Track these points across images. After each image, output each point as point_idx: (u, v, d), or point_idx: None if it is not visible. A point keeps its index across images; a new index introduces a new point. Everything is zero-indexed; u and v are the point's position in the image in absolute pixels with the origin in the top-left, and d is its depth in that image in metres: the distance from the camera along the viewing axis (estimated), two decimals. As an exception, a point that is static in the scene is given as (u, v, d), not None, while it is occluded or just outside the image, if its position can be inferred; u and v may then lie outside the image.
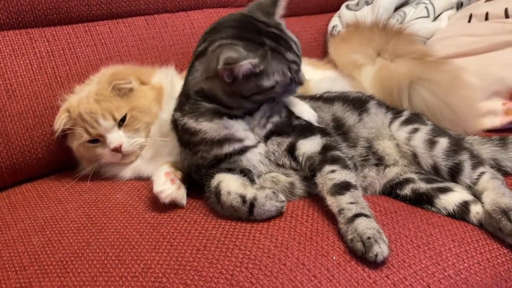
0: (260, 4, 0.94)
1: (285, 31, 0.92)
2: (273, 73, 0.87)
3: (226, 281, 0.72)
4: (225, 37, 0.88)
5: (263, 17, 0.92)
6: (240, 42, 0.85)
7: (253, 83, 0.86)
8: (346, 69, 1.38)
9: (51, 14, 1.27)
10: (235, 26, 0.90)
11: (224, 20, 0.94)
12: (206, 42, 0.91)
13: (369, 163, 1.01)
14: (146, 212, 0.94)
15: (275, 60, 0.87)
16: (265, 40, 0.87)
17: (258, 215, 0.86)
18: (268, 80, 0.86)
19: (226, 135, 0.90)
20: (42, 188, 1.14)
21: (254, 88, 0.87)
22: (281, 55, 0.88)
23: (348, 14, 1.68)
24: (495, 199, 0.86)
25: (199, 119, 0.90)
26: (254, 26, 0.90)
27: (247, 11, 0.94)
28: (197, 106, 0.91)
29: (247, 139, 0.92)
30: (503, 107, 1.30)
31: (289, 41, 0.91)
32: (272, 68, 0.87)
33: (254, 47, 0.85)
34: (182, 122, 0.93)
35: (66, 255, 0.83)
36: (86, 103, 1.08)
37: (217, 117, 0.90)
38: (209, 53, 0.88)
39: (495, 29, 1.39)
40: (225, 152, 0.91)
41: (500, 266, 0.82)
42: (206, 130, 0.90)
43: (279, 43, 0.89)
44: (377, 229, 0.77)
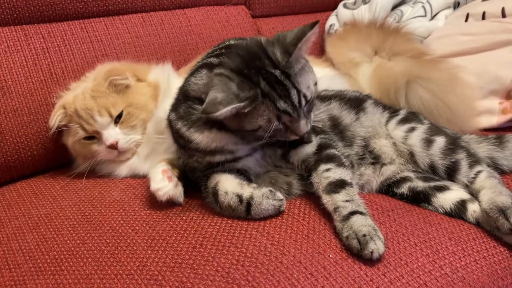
0: (283, 39, 0.85)
1: (292, 77, 0.82)
2: (257, 117, 0.81)
3: (222, 278, 0.72)
4: (229, 67, 0.83)
5: (277, 55, 0.83)
6: (237, 78, 0.81)
7: (236, 121, 0.83)
8: (344, 68, 1.38)
9: (46, 10, 1.26)
10: (243, 57, 0.84)
11: (239, 45, 0.88)
12: (217, 57, 0.87)
13: (365, 162, 1.01)
14: (142, 210, 0.93)
15: (264, 105, 0.81)
16: (261, 82, 0.81)
17: (256, 214, 0.85)
18: (250, 123, 0.82)
19: (215, 147, 0.89)
20: (36, 186, 1.13)
21: (237, 125, 0.84)
22: (271, 102, 0.81)
23: (345, 13, 1.68)
24: (492, 197, 0.86)
25: (191, 129, 0.88)
26: (259, 62, 0.83)
27: (266, 42, 0.86)
28: (191, 111, 0.89)
29: (239, 151, 0.91)
30: (499, 106, 1.30)
31: (290, 89, 0.82)
32: (257, 113, 0.81)
33: (248, 87, 0.80)
34: (176, 127, 0.92)
35: (60, 253, 0.83)
36: (82, 99, 1.08)
37: (207, 128, 0.87)
38: (212, 75, 0.84)
39: (492, 28, 1.40)
40: (217, 161, 0.91)
41: (497, 265, 0.82)
42: (198, 142, 0.88)
43: (274, 89, 0.81)
44: (372, 226, 0.77)
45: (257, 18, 1.68)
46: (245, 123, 0.82)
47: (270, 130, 0.82)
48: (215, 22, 1.53)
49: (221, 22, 1.54)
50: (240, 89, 0.79)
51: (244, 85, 0.80)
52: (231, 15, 1.58)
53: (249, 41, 0.89)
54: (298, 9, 1.75)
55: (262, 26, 1.67)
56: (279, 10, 1.72)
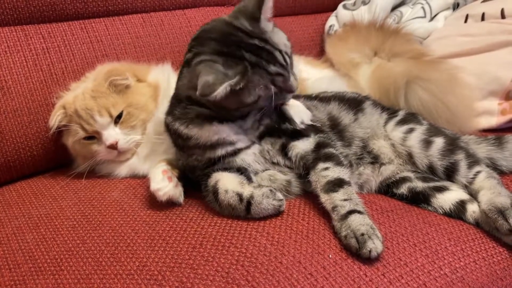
0: (245, 9, 0.87)
1: (270, 40, 0.85)
2: (254, 89, 0.83)
3: (222, 278, 0.72)
4: (207, 52, 0.84)
5: (247, 25, 0.85)
6: (220, 59, 0.82)
7: (235, 99, 0.83)
8: (343, 68, 1.38)
9: (46, 10, 1.26)
10: (217, 39, 0.85)
11: (207, 30, 0.89)
12: (191, 52, 0.88)
13: (364, 161, 1.01)
14: (142, 210, 0.94)
15: (256, 75, 0.83)
16: (245, 55, 0.82)
17: (255, 213, 0.85)
18: (249, 96, 0.84)
19: (217, 140, 0.89)
20: (36, 186, 1.14)
21: (237, 103, 0.85)
22: (262, 70, 0.83)
23: (345, 14, 1.68)
24: (491, 198, 0.86)
25: (189, 126, 0.90)
26: (235, 37, 0.84)
27: (231, 17, 0.88)
28: (187, 111, 0.90)
29: (239, 142, 0.91)
30: (499, 107, 1.31)
31: (273, 51, 0.84)
32: (253, 84, 0.83)
33: (234, 63, 0.81)
34: (174, 128, 0.93)
35: (60, 253, 0.83)
36: (82, 99, 1.08)
37: (207, 122, 0.88)
38: (192, 66, 0.85)
39: (491, 29, 1.40)
40: (218, 155, 0.91)
41: (496, 265, 0.82)
42: (197, 137, 0.89)
43: (260, 57, 0.83)
44: (370, 225, 0.77)
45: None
46: (245, 97, 0.83)
47: (270, 96, 0.85)
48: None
49: (221, 22, 1.54)
50: (227, 67, 0.81)
51: (229, 63, 0.81)
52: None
53: (215, 23, 0.90)
54: (297, 9, 1.75)
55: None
56: (279, 11, 1.72)
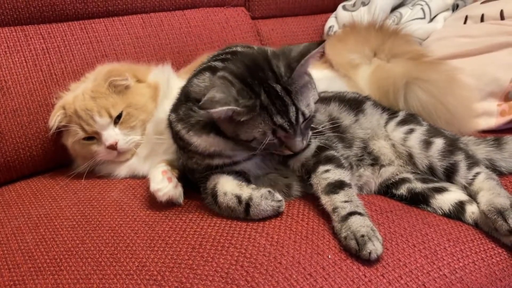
0: (289, 53, 0.85)
1: (293, 93, 0.82)
2: (252, 129, 0.82)
3: (222, 279, 0.72)
4: (232, 72, 0.84)
5: (281, 69, 0.83)
6: (239, 85, 0.81)
7: (232, 128, 0.83)
8: (343, 69, 1.38)
9: (46, 11, 1.27)
10: (247, 66, 0.84)
11: (246, 53, 0.88)
12: (222, 62, 0.88)
13: (364, 163, 1.01)
14: (141, 211, 0.94)
15: (260, 117, 0.81)
16: (261, 94, 0.81)
17: (254, 214, 0.85)
18: (245, 133, 0.82)
19: (214, 151, 0.89)
20: (36, 186, 1.14)
21: (232, 132, 0.84)
22: (268, 116, 0.81)
23: (344, 15, 1.68)
24: (490, 199, 0.86)
25: (190, 132, 0.89)
26: (263, 74, 0.83)
27: (272, 54, 0.86)
28: (190, 113, 0.88)
29: (236, 156, 0.91)
30: (498, 108, 1.31)
31: (289, 105, 0.82)
32: (253, 124, 0.82)
33: (248, 96, 0.80)
34: (176, 128, 0.92)
35: (60, 253, 0.83)
36: (82, 100, 1.08)
37: (205, 132, 0.87)
38: (215, 77, 0.85)
39: (490, 31, 1.40)
40: (216, 164, 0.91)
41: (495, 266, 0.82)
42: (196, 145, 0.89)
43: (273, 104, 0.81)
44: (370, 227, 0.77)
45: (257, 20, 1.68)
46: (241, 132, 0.83)
47: (264, 143, 0.83)
48: (215, 24, 1.53)
49: (220, 23, 1.55)
50: (240, 95, 0.80)
51: (244, 93, 0.80)
52: (231, 17, 1.58)
53: (256, 51, 0.89)
54: (297, 10, 1.76)
55: (262, 28, 1.67)
56: (279, 11, 1.72)
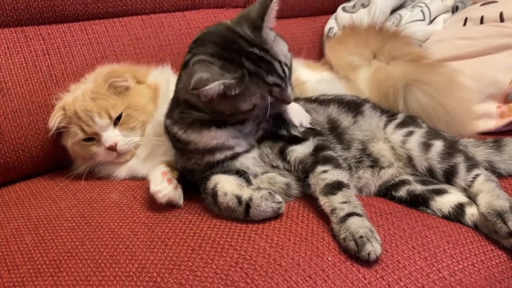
0: (248, 16, 0.87)
1: (270, 50, 0.84)
2: (251, 97, 0.83)
3: (221, 281, 0.72)
4: (206, 53, 0.84)
5: (249, 33, 0.85)
6: (218, 61, 0.82)
7: (229, 104, 0.83)
8: (342, 71, 1.38)
9: (46, 12, 1.27)
10: (217, 43, 0.85)
11: (209, 33, 0.89)
12: (190, 53, 0.88)
13: (363, 165, 1.01)
14: (141, 212, 0.94)
15: (254, 84, 0.82)
16: (244, 62, 0.82)
17: (254, 215, 0.85)
18: (245, 104, 0.83)
19: (216, 145, 0.89)
20: (35, 187, 1.13)
21: (232, 109, 0.85)
22: (260, 79, 0.83)
23: (344, 16, 1.68)
24: (490, 201, 0.86)
25: (187, 131, 0.90)
26: (236, 44, 0.84)
27: (234, 23, 0.88)
28: (185, 115, 0.90)
29: (238, 146, 0.91)
30: (497, 110, 1.31)
31: (273, 61, 0.84)
32: (250, 92, 0.82)
33: (233, 69, 0.80)
34: (173, 132, 0.93)
35: (59, 254, 0.83)
36: (82, 101, 1.08)
37: (205, 127, 0.88)
38: (189, 66, 0.86)
39: (490, 33, 1.40)
40: (217, 159, 0.91)
41: (495, 268, 0.82)
42: (196, 141, 0.89)
43: (259, 66, 0.83)
44: (369, 228, 0.77)
45: (257, 21, 1.68)
46: (240, 104, 0.83)
47: (266, 105, 0.84)
48: (214, 25, 1.53)
49: (220, 24, 1.55)
50: (224, 70, 0.81)
51: (227, 67, 0.81)
52: (231, 18, 1.58)
53: (217, 27, 0.90)
54: (297, 12, 1.75)
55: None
56: (279, 13, 1.69)
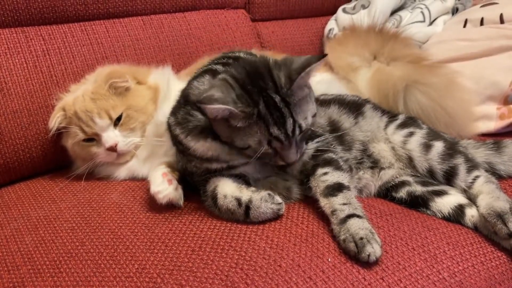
0: (290, 63, 0.84)
1: (291, 106, 0.82)
2: (248, 137, 0.82)
3: (221, 281, 0.72)
4: (233, 76, 0.84)
5: (281, 79, 0.83)
6: (239, 90, 0.81)
7: (227, 132, 0.83)
8: (342, 72, 1.38)
9: (47, 12, 1.27)
10: (249, 72, 0.84)
11: (248, 61, 0.88)
12: (223, 66, 0.88)
13: (364, 166, 1.01)
14: (141, 213, 0.94)
15: (257, 126, 0.81)
16: (260, 103, 0.81)
17: (254, 217, 0.85)
18: (240, 140, 0.83)
19: (212, 156, 0.90)
20: (35, 187, 1.13)
21: (227, 137, 0.84)
22: (264, 125, 0.81)
23: (344, 18, 1.69)
24: (490, 202, 0.86)
25: (188, 137, 0.89)
26: (264, 83, 0.83)
27: (274, 63, 0.86)
28: (189, 117, 0.89)
29: (234, 161, 0.91)
30: (497, 111, 1.31)
31: (287, 117, 0.81)
32: (249, 131, 0.82)
33: (247, 103, 0.80)
34: (175, 133, 0.93)
35: (59, 255, 0.83)
36: (82, 101, 1.08)
37: (203, 137, 0.87)
38: (216, 79, 0.85)
39: (490, 34, 1.40)
40: (214, 168, 0.91)
41: (494, 269, 0.82)
42: (195, 149, 0.89)
43: (271, 114, 0.81)
44: (369, 230, 0.77)
45: (257, 22, 1.69)
46: (236, 138, 0.83)
47: (259, 152, 0.83)
48: (215, 26, 1.54)
49: (221, 25, 1.55)
50: (239, 100, 0.80)
51: (243, 99, 0.80)
52: (231, 19, 1.58)
53: (258, 59, 0.89)
54: (297, 13, 1.76)
55: (262, 30, 1.67)
56: (279, 14, 1.72)
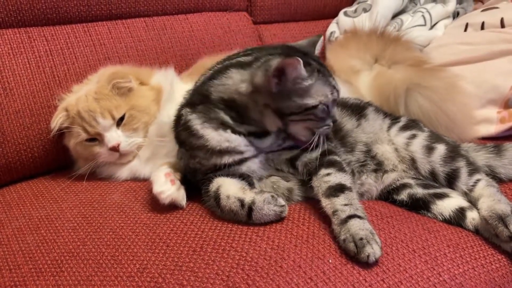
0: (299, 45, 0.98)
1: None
2: (317, 93, 0.87)
3: (222, 282, 0.72)
4: (274, 54, 0.89)
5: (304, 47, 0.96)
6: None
7: (296, 98, 0.86)
8: (344, 75, 1.39)
9: (50, 13, 1.27)
10: (282, 48, 0.92)
11: (269, 45, 0.97)
12: (250, 56, 0.92)
13: (367, 169, 1.01)
14: (142, 213, 0.94)
15: (321, 80, 0.88)
16: (311, 61, 0.89)
17: (257, 219, 0.85)
18: (311, 99, 0.86)
19: (227, 148, 0.90)
20: (37, 187, 1.14)
21: (295, 106, 0.87)
22: (325, 78, 0.89)
23: (346, 21, 1.69)
24: (491, 205, 0.86)
25: (205, 123, 0.89)
26: (300, 50, 0.92)
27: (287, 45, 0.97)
28: (210, 112, 0.90)
29: (248, 152, 0.92)
30: (498, 115, 1.31)
31: (330, 71, 0.92)
32: (317, 87, 0.87)
33: (303, 63, 0.84)
34: (187, 118, 0.92)
35: (61, 254, 0.83)
36: (85, 101, 1.08)
37: (223, 128, 0.89)
38: (255, 65, 0.88)
39: (490, 38, 1.41)
40: (224, 163, 0.91)
41: (495, 272, 0.82)
42: (209, 138, 0.89)
43: (323, 67, 0.91)
44: (369, 230, 0.77)
45: (259, 24, 1.69)
46: (307, 99, 0.86)
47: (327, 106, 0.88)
48: (217, 28, 1.54)
49: (223, 28, 1.55)
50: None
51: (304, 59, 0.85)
52: (233, 21, 1.59)
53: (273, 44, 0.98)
54: (299, 16, 1.77)
55: (264, 33, 1.68)
56: (281, 17, 1.73)
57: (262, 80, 0.86)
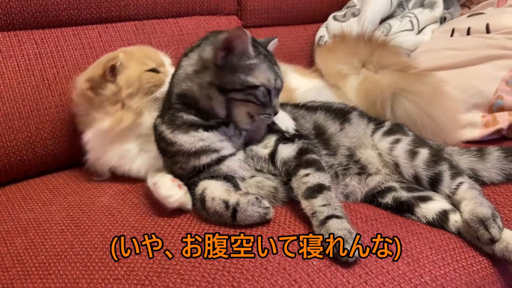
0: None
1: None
2: (261, 75, 0.90)
3: (208, 284, 0.73)
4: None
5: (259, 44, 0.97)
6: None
7: (240, 75, 0.89)
8: (332, 79, 1.40)
9: (40, 16, 1.27)
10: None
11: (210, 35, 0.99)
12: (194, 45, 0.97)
13: (351, 172, 1.03)
14: (131, 216, 0.94)
15: (266, 64, 0.91)
16: (260, 48, 0.93)
17: (241, 220, 0.86)
18: (254, 78, 0.89)
19: (202, 147, 0.92)
20: (26, 190, 1.14)
21: (238, 82, 0.89)
22: (271, 64, 0.93)
23: (335, 25, 1.71)
24: (473, 208, 0.88)
25: (175, 131, 0.93)
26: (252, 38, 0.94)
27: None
28: (174, 119, 0.94)
29: (224, 149, 0.93)
30: (482, 119, 1.33)
31: (277, 62, 0.95)
32: (261, 69, 0.90)
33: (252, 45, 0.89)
34: (159, 130, 0.96)
35: (49, 257, 0.83)
36: None
37: (193, 129, 0.92)
38: (204, 43, 0.94)
39: (476, 44, 1.43)
40: (203, 163, 0.92)
41: (475, 274, 0.84)
42: (182, 143, 0.92)
43: (271, 56, 0.95)
44: (348, 229, 0.78)
45: (249, 28, 1.70)
46: (250, 77, 0.89)
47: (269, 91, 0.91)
48: (207, 32, 1.54)
49: (213, 31, 1.56)
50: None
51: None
52: (223, 25, 1.60)
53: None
54: (289, 20, 1.78)
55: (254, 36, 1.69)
56: (270, 21, 1.74)
57: (210, 54, 0.90)
